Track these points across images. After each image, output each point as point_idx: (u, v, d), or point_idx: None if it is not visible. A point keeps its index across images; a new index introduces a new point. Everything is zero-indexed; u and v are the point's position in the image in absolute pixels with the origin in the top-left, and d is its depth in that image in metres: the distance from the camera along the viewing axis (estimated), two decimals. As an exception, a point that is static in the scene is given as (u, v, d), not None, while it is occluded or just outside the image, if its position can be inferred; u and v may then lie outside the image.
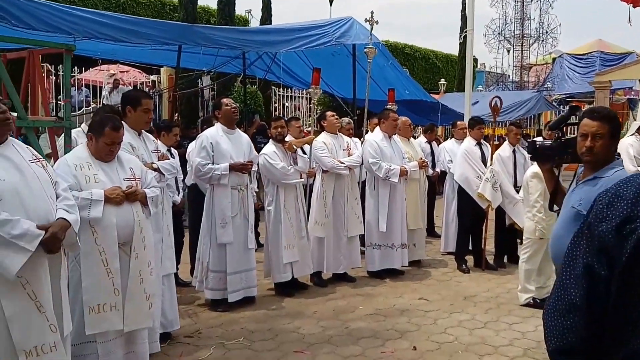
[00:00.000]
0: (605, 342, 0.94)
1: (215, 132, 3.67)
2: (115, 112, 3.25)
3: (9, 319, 1.80)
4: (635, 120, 9.93)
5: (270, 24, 10.80)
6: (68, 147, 2.90)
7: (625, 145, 5.31)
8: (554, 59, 18.85)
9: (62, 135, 3.13)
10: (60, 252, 2.02)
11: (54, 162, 2.65)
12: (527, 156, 4.05)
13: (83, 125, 3.55)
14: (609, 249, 0.91)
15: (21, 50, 3.38)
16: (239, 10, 12.24)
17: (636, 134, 5.53)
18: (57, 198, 2.04)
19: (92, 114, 3.81)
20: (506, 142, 5.00)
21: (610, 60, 16.83)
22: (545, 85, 16.29)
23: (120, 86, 8.67)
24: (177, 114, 7.24)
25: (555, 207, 2.25)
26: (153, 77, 9.38)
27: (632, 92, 14.98)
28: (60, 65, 6.80)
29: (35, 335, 1.86)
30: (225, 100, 3.84)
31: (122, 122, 2.64)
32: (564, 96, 16.42)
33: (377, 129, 4.71)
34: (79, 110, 7.52)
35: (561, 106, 14.48)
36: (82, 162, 2.43)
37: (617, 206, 0.92)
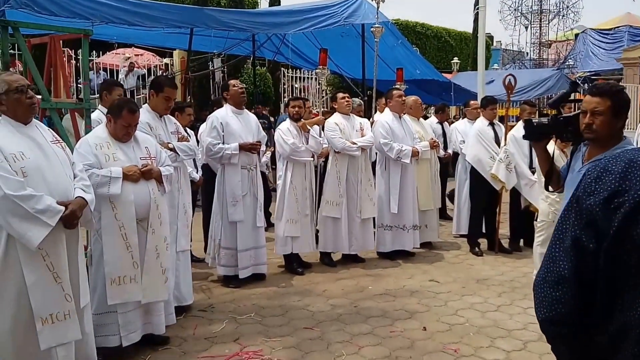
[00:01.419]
0: (594, 314, 0.95)
1: (224, 113, 3.75)
2: (114, 83, 3.34)
3: (30, 287, 1.94)
4: None
5: (279, 5, 10.69)
6: (88, 127, 3.02)
7: None
8: (576, 35, 18.05)
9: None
10: (78, 228, 2.15)
11: (76, 142, 2.78)
12: None
13: (100, 106, 3.68)
14: (597, 222, 0.92)
15: (44, 36, 3.49)
16: (249, -9, 12.09)
17: None
18: (74, 178, 2.16)
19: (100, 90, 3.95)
20: (520, 122, 4.90)
21: (641, 35, 15.96)
22: (567, 63, 15.67)
23: (135, 69, 8.80)
24: (189, 96, 7.33)
25: (551, 188, 2.19)
26: (166, 60, 9.46)
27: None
28: (80, 50, 6.90)
29: (52, 304, 2.00)
30: (232, 81, 3.93)
31: (145, 103, 2.74)
32: (588, 74, 15.72)
33: (387, 109, 4.68)
34: (98, 93, 7.66)
35: (585, 84, 13.92)
36: (101, 141, 2.56)
37: (605, 180, 0.93)
